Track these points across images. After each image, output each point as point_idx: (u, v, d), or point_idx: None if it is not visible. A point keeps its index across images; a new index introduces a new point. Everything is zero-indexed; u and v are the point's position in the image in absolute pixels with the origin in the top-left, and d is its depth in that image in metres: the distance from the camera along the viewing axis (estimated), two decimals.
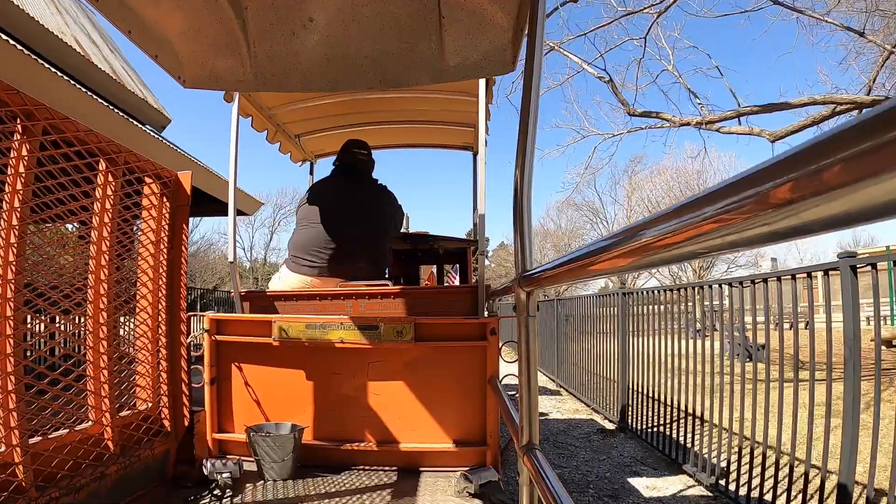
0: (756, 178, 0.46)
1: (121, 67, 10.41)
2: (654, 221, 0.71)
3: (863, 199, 0.35)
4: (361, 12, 2.68)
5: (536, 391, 1.65)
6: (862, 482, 3.70)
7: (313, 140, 5.19)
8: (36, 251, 2.16)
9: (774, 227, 0.46)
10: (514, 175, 1.71)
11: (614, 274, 1.15)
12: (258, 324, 3.29)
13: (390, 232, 4.14)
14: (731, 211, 0.51)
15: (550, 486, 1.30)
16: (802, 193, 0.40)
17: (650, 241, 0.73)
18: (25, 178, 1.99)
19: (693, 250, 0.64)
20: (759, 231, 0.49)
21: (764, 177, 0.45)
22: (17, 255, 1.94)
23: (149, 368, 2.77)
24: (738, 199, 0.49)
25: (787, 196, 0.42)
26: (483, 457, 3.15)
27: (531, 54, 1.67)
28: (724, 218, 0.52)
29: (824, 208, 0.39)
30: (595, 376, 8.42)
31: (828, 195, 0.37)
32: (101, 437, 2.38)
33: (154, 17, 2.51)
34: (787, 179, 0.41)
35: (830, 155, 0.37)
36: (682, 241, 0.64)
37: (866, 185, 0.34)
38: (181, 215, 2.99)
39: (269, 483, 2.92)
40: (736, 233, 0.52)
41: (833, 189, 0.37)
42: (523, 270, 1.62)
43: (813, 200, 0.39)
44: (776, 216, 0.44)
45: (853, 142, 0.35)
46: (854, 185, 0.35)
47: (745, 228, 0.50)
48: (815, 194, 0.39)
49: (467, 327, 3.21)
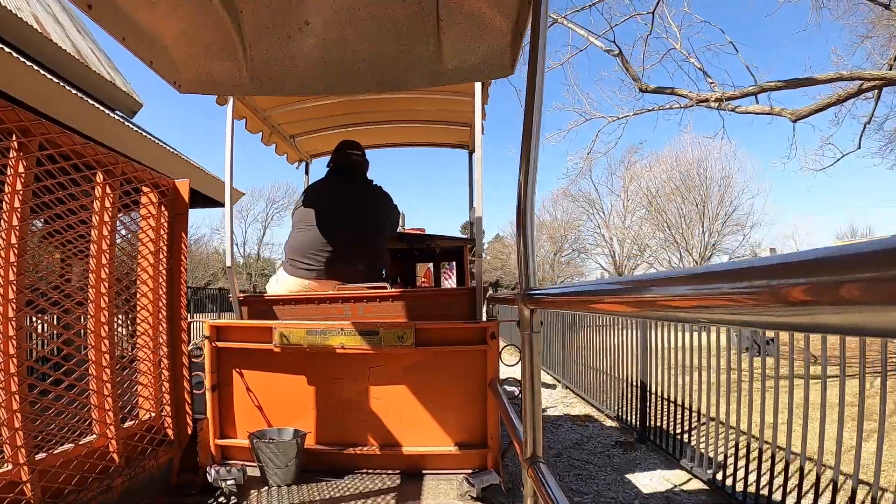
0: (774, 270, 0.47)
1: (88, 49, 9.55)
2: (664, 281, 0.72)
3: (873, 319, 0.36)
4: (358, 15, 2.66)
5: (540, 404, 1.67)
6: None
7: (308, 140, 5.17)
8: (34, 269, 2.15)
9: (780, 319, 0.48)
10: (517, 186, 1.71)
11: (613, 315, 1.16)
12: (259, 330, 3.29)
13: (386, 232, 4.14)
14: (742, 293, 0.52)
15: (554, 498, 1.32)
16: (817, 298, 0.41)
17: (656, 298, 0.75)
18: (23, 195, 1.98)
19: (695, 317, 0.65)
20: (763, 318, 0.50)
21: (782, 271, 0.46)
22: (18, 274, 1.93)
23: (151, 378, 2.77)
24: (750, 284, 0.50)
25: (800, 297, 0.42)
26: (484, 460, 3.17)
27: (534, 59, 1.66)
28: (734, 298, 0.53)
29: (836, 317, 0.40)
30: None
31: (841, 307, 0.38)
32: (107, 450, 2.39)
33: (148, 23, 2.48)
34: (805, 282, 0.42)
35: (852, 271, 0.37)
36: (689, 307, 0.65)
37: (879, 310, 0.35)
38: (180, 223, 2.98)
39: (273, 489, 2.94)
40: (742, 314, 0.53)
41: (848, 304, 0.38)
42: (527, 287, 1.63)
43: (826, 308, 0.40)
44: (784, 311, 0.46)
45: (874, 265, 0.35)
46: (868, 306, 0.36)
47: (750, 313, 0.51)
48: (830, 303, 0.40)
49: (467, 332, 3.22)
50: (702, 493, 4.70)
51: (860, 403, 3.50)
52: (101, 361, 2.40)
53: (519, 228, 1.69)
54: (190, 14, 2.53)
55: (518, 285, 1.73)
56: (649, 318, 0.83)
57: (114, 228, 2.52)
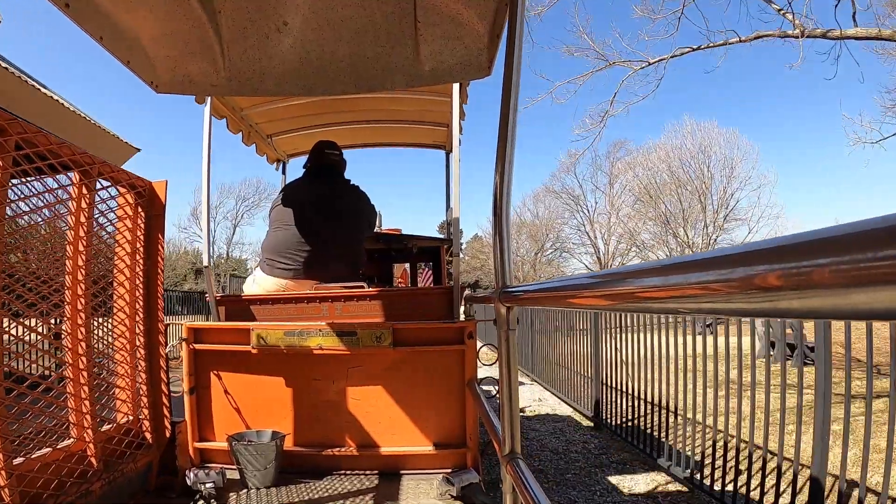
0: (745, 258, 0.49)
1: None
2: (639, 273, 0.74)
3: (847, 302, 0.38)
4: (336, 16, 2.66)
5: (518, 401, 1.69)
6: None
7: (286, 140, 5.16)
8: (10, 269, 2.13)
9: (754, 307, 0.49)
10: (493, 186, 1.74)
11: (590, 310, 1.18)
12: (236, 332, 3.28)
13: (364, 232, 4.14)
14: (717, 282, 0.53)
15: (533, 494, 1.35)
16: (790, 283, 0.43)
17: (632, 290, 0.77)
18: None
19: (672, 307, 0.68)
20: (739, 306, 0.52)
21: (754, 258, 0.48)
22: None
23: (128, 381, 2.75)
24: (725, 273, 0.52)
25: (774, 283, 0.44)
26: (463, 459, 3.19)
27: (510, 60, 1.69)
28: (709, 287, 0.55)
29: (810, 301, 0.41)
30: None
31: (815, 291, 0.40)
32: (85, 454, 2.37)
33: (126, 23, 2.46)
34: (777, 268, 0.44)
35: (823, 255, 0.39)
36: (663, 297, 0.67)
37: (852, 293, 0.37)
38: (157, 224, 2.96)
39: (253, 491, 2.93)
40: (718, 302, 0.55)
41: (820, 287, 0.39)
42: (503, 285, 1.66)
43: (800, 292, 0.42)
44: (758, 298, 0.47)
45: (844, 249, 0.37)
46: (840, 289, 0.38)
47: (726, 301, 0.53)
48: (803, 287, 0.41)
49: (445, 331, 3.24)
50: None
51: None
52: (78, 364, 2.38)
53: (495, 227, 1.72)
54: (167, 14, 2.52)
55: (495, 284, 1.76)
56: (626, 311, 0.85)
57: (90, 229, 2.50)
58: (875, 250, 0.34)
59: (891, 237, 0.34)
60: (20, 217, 2.11)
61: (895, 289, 0.33)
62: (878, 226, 0.35)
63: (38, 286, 2.23)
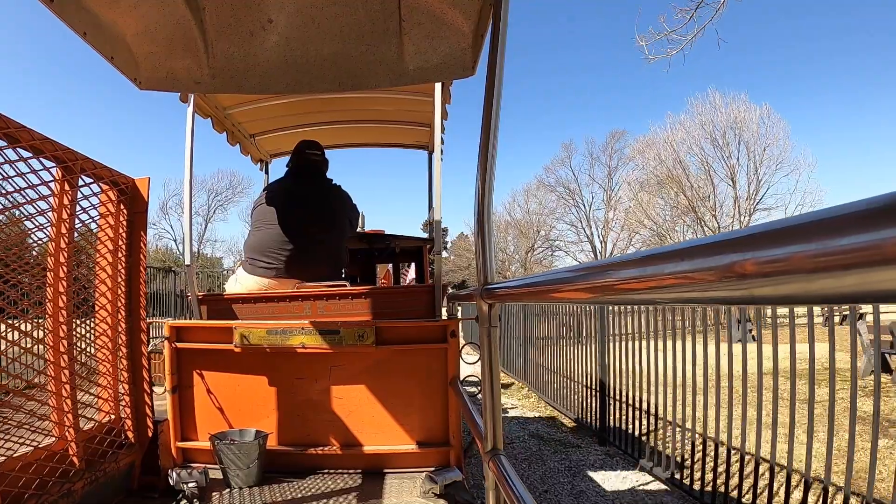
0: (720, 246, 0.51)
1: None
2: (618, 265, 0.76)
3: (818, 287, 0.39)
4: (321, 14, 2.67)
5: (500, 398, 1.71)
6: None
7: (268, 140, 5.14)
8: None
9: (730, 294, 0.51)
10: (475, 187, 1.75)
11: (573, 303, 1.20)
12: (218, 330, 3.27)
13: (346, 232, 4.14)
14: (694, 272, 0.55)
15: (515, 489, 1.37)
16: (764, 270, 0.44)
17: (613, 282, 0.78)
18: None
19: (650, 298, 0.69)
20: (715, 294, 0.54)
21: (727, 247, 0.49)
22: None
23: (110, 380, 2.73)
24: (702, 262, 0.53)
25: (745, 271, 0.46)
26: (447, 457, 3.21)
27: (493, 60, 1.70)
28: (688, 276, 0.56)
29: (770, 289, 0.43)
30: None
31: (787, 277, 0.42)
32: (67, 453, 2.35)
33: (110, 19, 2.45)
34: (750, 258, 0.46)
35: (796, 241, 0.40)
36: (643, 288, 0.69)
37: (824, 277, 0.39)
38: (139, 222, 2.95)
39: (236, 490, 2.92)
40: (696, 291, 0.56)
41: (793, 273, 0.41)
42: (485, 283, 1.67)
43: (777, 278, 0.43)
44: (732, 285, 0.49)
45: (816, 234, 0.38)
46: (812, 275, 0.39)
47: (704, 289, 0.54)
48: (781, 273, 0.42)
49: (428, 330, 3.25)
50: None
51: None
52: (59, 362, 2.36)
53: (477, 224, 1.73)
54: (151, 10, 2.51)
55: (477, 281, 1.77)
56: (607, 304, 0.87)
57: (72, 226, 2.48)
58: (840, 237, 0.36)
59: (854, 224, 0.35)
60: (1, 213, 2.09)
61: (860, 273, 0.34)
62: (842, 213, 0.36)
63: (20, 283, 2.21)
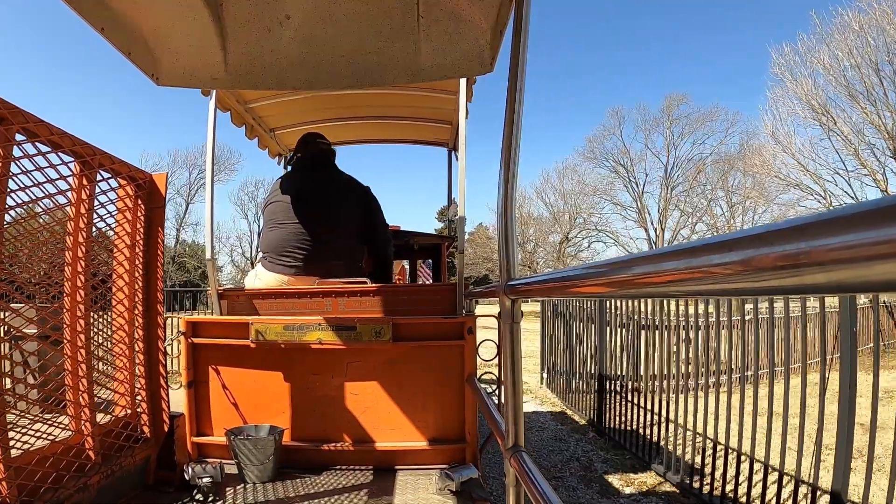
0: (746, 241, 0.49)
1: None
2: (641, 261, 0.76)
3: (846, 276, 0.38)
4: (338, 10, 2.65)
5: (521, 394, 1.68)
6: None
7: (288, 134, 5.14)
8: (12, 260, 2.11)
9: (743, 286, 0.51)
10: (497, 184, 1.73)
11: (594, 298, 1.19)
12: (235, 326, 3.26)
13: (357, 225, 3.97)
14: (714, 266, 0.54)
15: (538, 485, 1.34)
16: (784, 264, 0.43)
17: (634, 277, 0.79)
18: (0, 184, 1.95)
19: (668, 291, 0.69)
20: (729, 286, 0.53)
21: (755, 242, 0.48)
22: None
23: (127, 374, 2.74)
24: (721, 257, 0.53)
25: (770, 264, 0.45)
26: (463, 454, 3.19)
27: (516, 56, 1.68)
28: (707, 270, 0.56)
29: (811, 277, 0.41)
30: None
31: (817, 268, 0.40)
32: (83, 447, 2.35)
33: (128, 14, 2.45)
34: (768, 252, 0.45)
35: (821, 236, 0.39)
36: (658, 283, 0.69)
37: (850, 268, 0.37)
38: (157, 217, 2.95)
39: (251, 486, 2.92)
40: (713, 284, 0.56)
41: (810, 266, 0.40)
42: (508, 279, 1.65)
43: (795, 270, 0.42)
44: (756, 277, 0.48)
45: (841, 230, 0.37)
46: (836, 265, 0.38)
47: (721, 282, 0.54)
48: (802, 265, 0.41)
49: (445, 326, 3.23)
50: None
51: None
52: (77, 356, 2.36)
53: (500, 221, 1.71)
54: (170, 6, 2.51)
55: (500, 277, 1.75)
56: (629, 297, 0.89)
57: (90, 220, 2.48)
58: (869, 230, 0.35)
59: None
60: (21, 207, 2.09)
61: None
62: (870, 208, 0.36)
63: (38, 278, 2.22)
